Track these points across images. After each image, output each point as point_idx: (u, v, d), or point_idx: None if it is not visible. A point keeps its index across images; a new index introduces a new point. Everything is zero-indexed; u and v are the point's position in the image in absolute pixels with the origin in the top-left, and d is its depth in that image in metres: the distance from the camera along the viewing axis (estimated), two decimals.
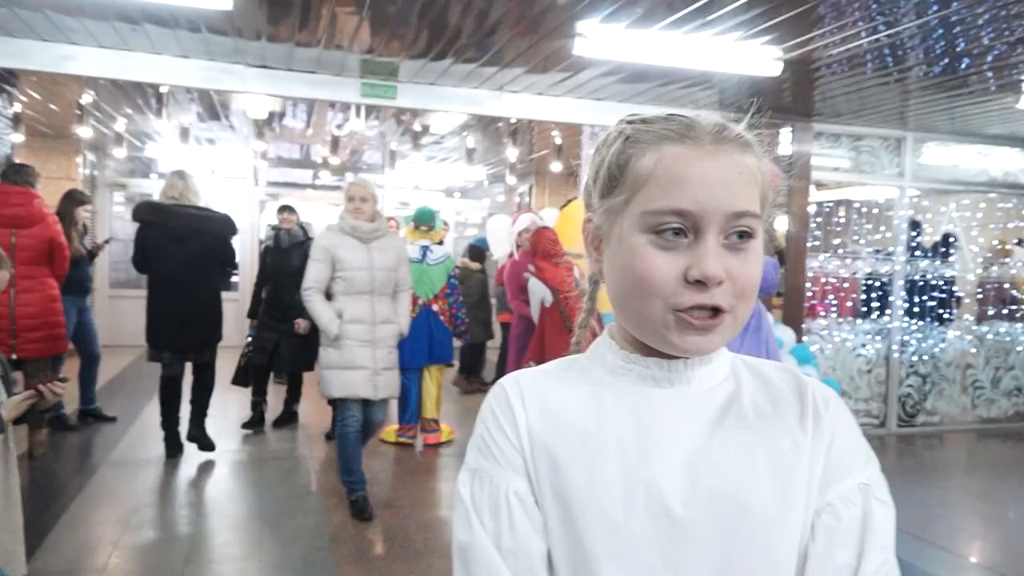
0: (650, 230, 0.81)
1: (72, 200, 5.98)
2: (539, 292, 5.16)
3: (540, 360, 5.15)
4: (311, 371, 6.19)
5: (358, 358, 4.32)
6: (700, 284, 0.79)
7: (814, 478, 0.82)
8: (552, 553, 0.82)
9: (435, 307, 5.92)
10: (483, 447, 0.88)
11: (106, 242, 7.25)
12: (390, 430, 6.16)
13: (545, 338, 5.10)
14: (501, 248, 5.90)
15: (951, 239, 7.39)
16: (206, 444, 5.44)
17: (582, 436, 0.84)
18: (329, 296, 4.42)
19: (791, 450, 0.83)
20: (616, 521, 0.80)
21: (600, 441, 0.83)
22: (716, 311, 0.80)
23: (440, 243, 6.35)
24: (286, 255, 6.28)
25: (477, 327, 7.86)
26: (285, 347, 6.28)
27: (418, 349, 5.80)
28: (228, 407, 7.06)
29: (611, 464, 0.82)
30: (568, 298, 4.96)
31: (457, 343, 6.63)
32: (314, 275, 4.33)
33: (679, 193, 0.80)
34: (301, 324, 6.05)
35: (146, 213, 5.19)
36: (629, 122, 0.87)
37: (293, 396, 6.73)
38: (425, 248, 5.98)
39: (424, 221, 6.05)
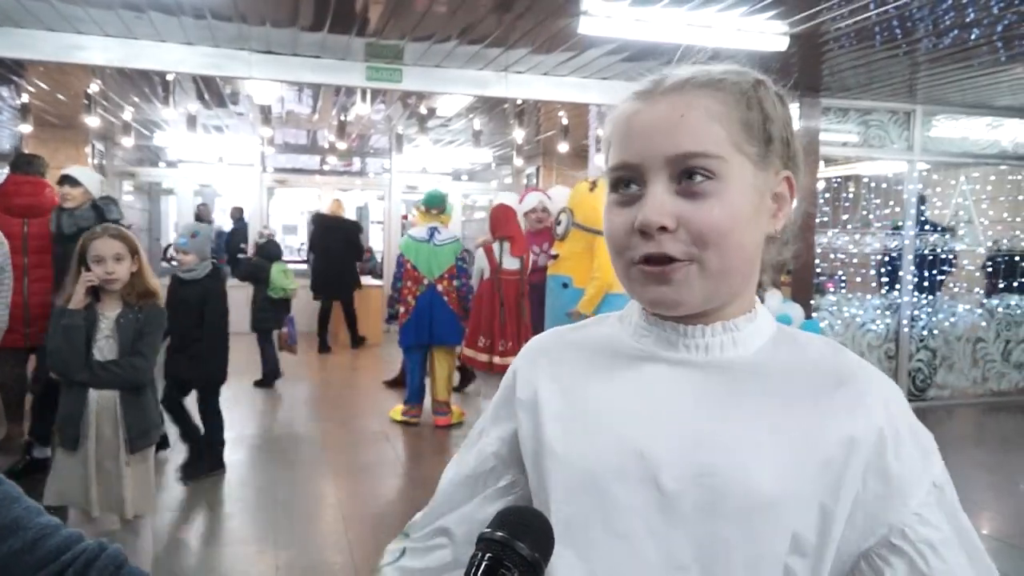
0: (612, 188, 0.83)
1: None
2: (480, 264, 5.58)
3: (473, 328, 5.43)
4: None
5: None
6: (645, 233, 0.78)
7: (851, 461, 0.76)
8: (547, 511, 0.83)
9: (440, 287, 5.97)
10: (496, 399, 0.98)
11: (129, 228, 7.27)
12: (396, 409, 6.25)
13: (476, 307, 5.56)
14: None
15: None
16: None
17: (586, 400, 0.86)
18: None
19: (808, 437, 0.77)
20: (603, 486, 0.81)
21: (603, 405, 0.84)
22: (671, 259, 0.78)
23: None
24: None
25: None
26: None
27: (420, 327, 5.91)
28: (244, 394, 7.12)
29: (610, 429, 0.82)
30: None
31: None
32: None
33: (623, 147, 0.82)
34: None
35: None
36: None
37: None
38: (433, 229, 6.04)
39: (434, 205, 6.13)
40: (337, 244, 9.34)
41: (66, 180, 4.80)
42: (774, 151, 0.82)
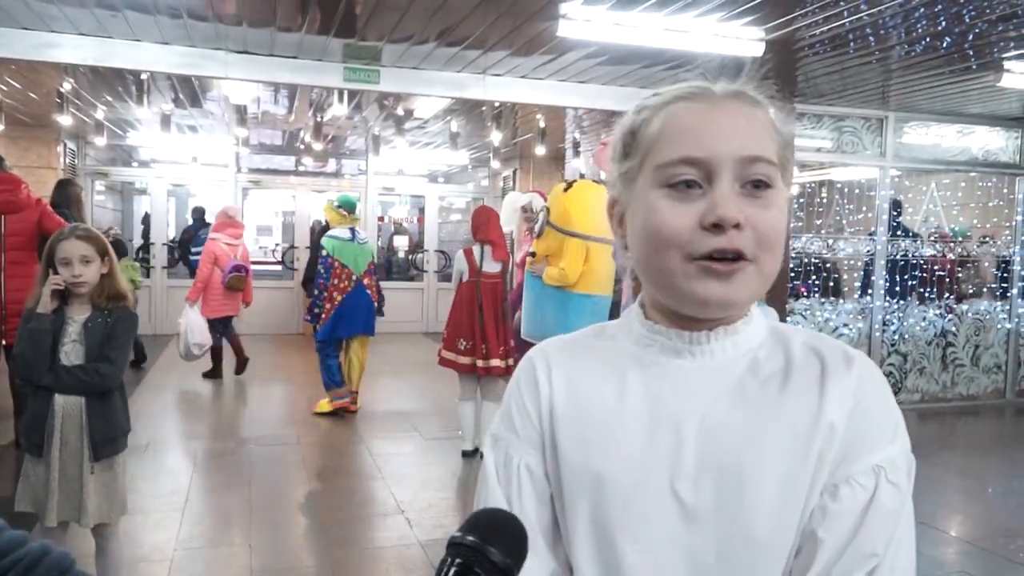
0: (663, 184, 0.82)
1: (73, 185, 6.16)
2: (460, 267, 5.56)
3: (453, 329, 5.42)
4: None
5: None
6: (717, 228, 0.78)
7: (829, 452, 0.80)
8: (571, 521, 0.86)
9: (365, 281, 6.41)
10: (507, 418, 0.93)
11: (107, 231, 7.29)
12: (324, 402, 6.47)
13: (455, 310, 5.52)
14: (507, 224, 6.15)
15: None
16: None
17: (604, 411, 0.87)
18: None
19: (806, 426, 0.81)
20: (629, 494, 0.83)
21: (620, 416, 0.86)
22: (737, 257, 0.79)
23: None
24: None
25: None
26: None
27: (355, 320, 6.31)
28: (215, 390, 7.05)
29: (630, 438, 0.84)
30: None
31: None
32: None
33: (689, 142, 0.81)
34: None
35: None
36: (644, 99, 0.90)
37: None
38: (353, 230, 6.46)
39: (349, 208, 6.53)
40: None
41: None
42: (789, 173, 0.87)
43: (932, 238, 7.44)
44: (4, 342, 4.74)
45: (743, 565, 0.80)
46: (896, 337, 7.28)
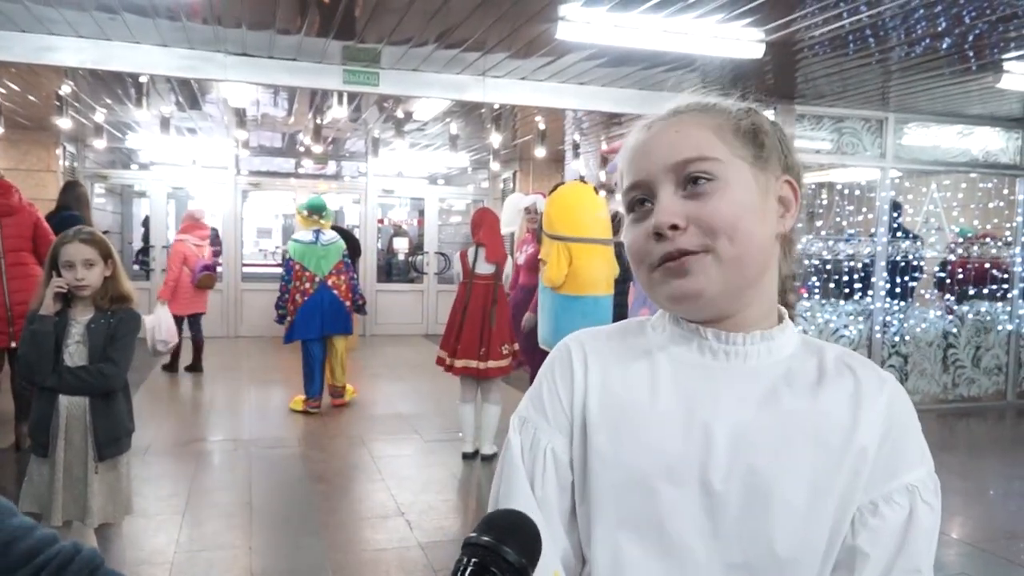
0: (628, 208, 0.91)
1: (80, 186, 6.27)
2: (456, 268, 5.59)
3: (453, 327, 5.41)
4: None
5: None
6: (659, 236, 0.84)
7: (863, 469, 0.83)
8: (594, 511, 0.87)
9: (330, 282, 6.53)
10: (536, 401, 0.95)
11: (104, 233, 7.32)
12: (298, 400, 6.64)
13: (451, 310, 5.51)
14: (509, 225, 6.17)
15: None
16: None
17: (637, 404, 0.89)
18: None
19: (839, 441, 0.83)
20: (653, 487, 0.84)
21: (653, 410, 0.88)
22: (685, 254, 0.84)
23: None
24: None
25: None
26: None
27: (312, 322, 6.43)
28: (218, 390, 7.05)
29: (662, 432, 0.86)
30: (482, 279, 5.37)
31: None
32: None
33: (633, 168, 0.90)
34: None
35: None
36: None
37: None
38: (317, 232, 6.63)
39: (317, 211, 6.72)
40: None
41: None
42: (769, 156, 0.89)
43: (952, 245, 7.47)
44: (14, 344, 4.76)
45: (770, 571, 0.82)
46: (897, 339, 7.27)
